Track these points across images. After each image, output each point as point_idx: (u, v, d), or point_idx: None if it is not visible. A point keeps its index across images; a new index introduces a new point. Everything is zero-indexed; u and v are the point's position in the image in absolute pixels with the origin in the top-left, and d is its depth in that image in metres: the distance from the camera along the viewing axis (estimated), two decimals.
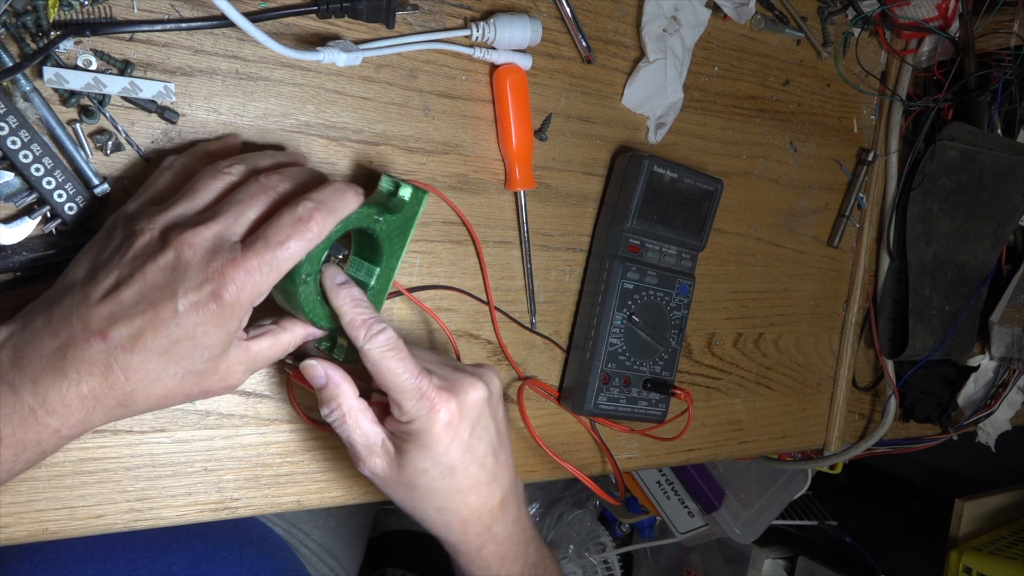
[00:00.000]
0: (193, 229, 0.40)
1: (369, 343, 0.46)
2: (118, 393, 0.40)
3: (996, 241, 0.89)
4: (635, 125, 0.68)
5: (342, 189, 0.44)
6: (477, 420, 0.49)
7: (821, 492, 1.36)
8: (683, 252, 0.68)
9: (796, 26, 0.76)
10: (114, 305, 0.40)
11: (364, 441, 0.48)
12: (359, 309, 0.46)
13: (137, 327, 0.39)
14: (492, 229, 0.62)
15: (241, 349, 0.44)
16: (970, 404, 0.95)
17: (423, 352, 0.52)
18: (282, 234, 0.41)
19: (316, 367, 0.48)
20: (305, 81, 0.53)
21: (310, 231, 0.42)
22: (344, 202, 0.44)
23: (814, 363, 0.84)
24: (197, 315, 0.40)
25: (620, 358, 0.65)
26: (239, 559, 0.73)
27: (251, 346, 0.45)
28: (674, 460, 0.76)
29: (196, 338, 0.40)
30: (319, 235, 0.42)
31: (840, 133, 0.82)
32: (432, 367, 0.49)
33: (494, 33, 0.58)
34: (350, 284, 0.47)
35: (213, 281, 0.40)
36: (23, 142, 0.45)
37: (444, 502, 0.50)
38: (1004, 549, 1.06)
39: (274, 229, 0.41)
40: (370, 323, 0.46)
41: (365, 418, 0.48)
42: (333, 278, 0.47)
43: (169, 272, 0.40)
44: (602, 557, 1.44)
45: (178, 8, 0.49)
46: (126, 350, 0.40)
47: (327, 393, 0.48)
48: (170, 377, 0.41)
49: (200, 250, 0.40)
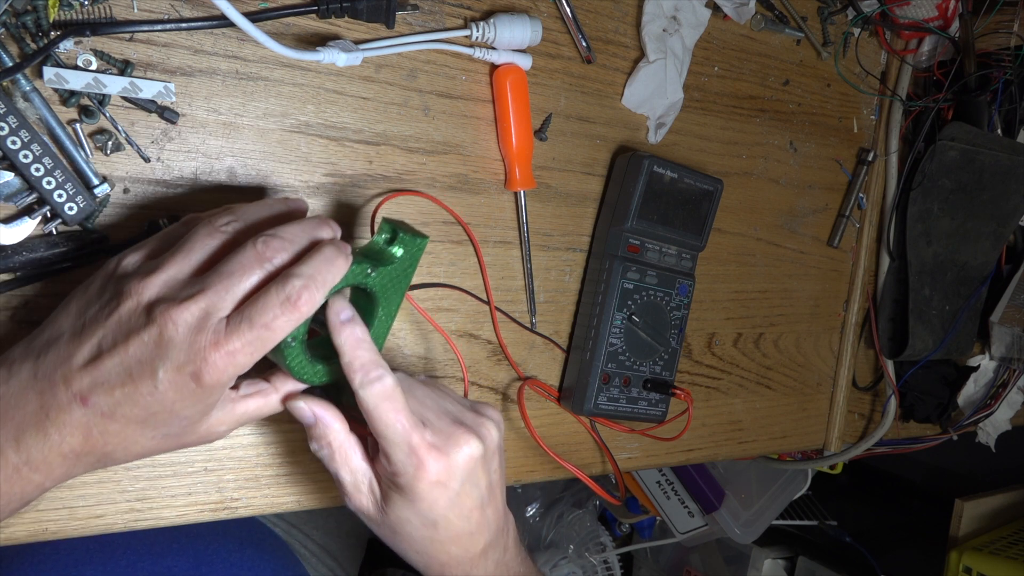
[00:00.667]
0: (179, 305, 0.39)
1: (365, 389, 0.44)
2: (98, 453, 0.41)
3: (996, 241, 0.89)
4: (635, 125, 0.68)
5: (331, 257, 0.42)
6: (467, 478, 0.47)
7: (821, 492, 1.36)
8: (683, 252, 0.68)
9: (796, 26, 0.76)
10: (96, 373, 0.39)
11: (352, 479, 0.47)
12: (360, 351, 0.44)
13: (116, 398, 0.39)
14: (492, 229, 0.62)
15: (227, 410, 0.44)
16: (970, 404, 0.95)
17: (425, 391, 0.50)
18: (268, 315, 0.40)
19: (303, 408, 0.46)
20: (305, 81, 0.53)
21: (298, 311, 0.40)
22: (334, 271, 0.42)
23: (814, 363, 0.84)
24: (176, 392, 0.39)
25: (620, 358, 0.65)
26: (239, 560, 0.73)
27: (238, 406, 0.44)
28: (674, 460, 0.76)
29: (175, 411, 0.40)
30: (308, 313, 0.41)
31: (840, 133, 0.82)
32: (429, 415, 0.48)
33: (494, 33, 0.58)
34: (354, 322, 0.45)
35: (194, 362, 0.39)
36: (23, 142, 0.45)
37: (424, 548, 0.49)
38: (1004, 549, 1.06)
39: (260, 310, 0.40)
40: (368, 368, 0.44)
41: (354, 455, 0.47)
42: (338, 313, 0.45)
43: (152, 347, 0.39)
44: (602, 557, 1.44)
45: (178, 8, 0.49)
46: (105, 417, 0.40)
47: (316, 431, 0.47)
48: (148, 440, 0.42)
49: (184, 327, 0.39)
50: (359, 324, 0.45)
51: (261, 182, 0.53)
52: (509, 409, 0.65)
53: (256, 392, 0.45)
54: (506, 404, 0.65)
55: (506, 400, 0.65)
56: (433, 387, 0.51)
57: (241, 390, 0.45)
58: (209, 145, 0.51)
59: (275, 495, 0.56)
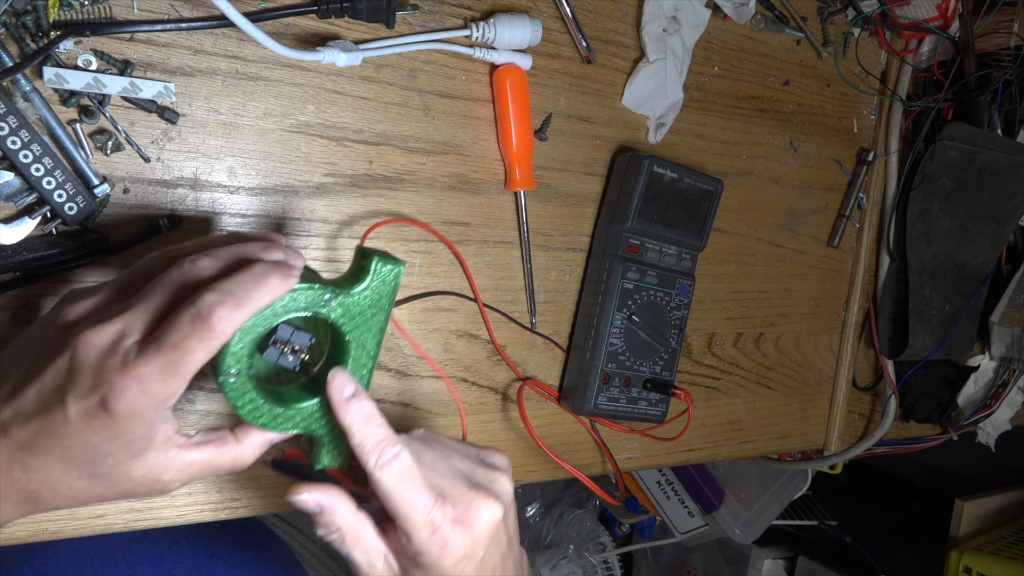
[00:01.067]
0: (93, 327, 0.36)
1: (382, 471, 0.41)
2: (22, 491, 0.38)
3: (996, 241, 0.89)
4: (635, 125, 0.68)
5: (261, 273, 0.38)
6: (490, 542, 0.45)
7: (821, 492, 1.36)
8: (683, 252, 0.68)
9: (796, 26, 0.76)
10: (16, 404, 0.37)
11: (366, 559, 0.44)
12: (370, 429, 0.41)
13: (32, 429, 0.37)
14: (492, 229, 0.62)
15: (170, 456, 0.39)
16: (970, 404, 0.95)
17: (432, 454, 0.46)
18: (177, 335, 0.36)
19: (307, 500, 0.42)
20: (305, 81, 0.53)
21: (212, 330, 0.36)
22: (263, 291, 0.38)
23: (814, 363, 0.84)
24: (87, 423, 0.36)
25: (620, 358, 0.65)
26: (239, 562, 0.73)
27: (186, 454, 0.40)
28: (674, 460, 0.76)
29: (92, 446, 0.37)
30: (224, 333, 0.36)
31: (840, 133, 0.82)
32: (444, 483, 0.44)
33: (494, 33, 0.58)
34: (360, 396, 0.42)
35: (101, 389, 0.35)
36: (23, 142, 0.45)
37: None
38: (1004, 549, 1.06)
39: (169, 329, 0.36)
40: (382, 447, 0.41)
41: (366, 534, 0.44)
42: (341, 390, 0.41)
43: (64, 374, 0.36)
44: (602, 557, 1.44)
45: (178, 8, 0.49)
46: (24, 450, 0.37)
47: (323, 519, 0.43)
48: (74, 480, 0.38)
49: (95, 351, 0.36)
50: (365, 399, 0.42)
51: (261, 182, 0.53)
52: (509, 409, 0.65)
53: (212, 441, 0.41)
54: (506, 404, 0.65)
55: (506, 400, 0.65)
56: (436, 443, 0.47)
57: (195, 437, 0.41)
58: (209, 145, 0.51)
59: (275, 495, 0.56)
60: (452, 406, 0.62)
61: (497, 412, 0.64)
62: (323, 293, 0.41)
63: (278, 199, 0.54)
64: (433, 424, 0.61)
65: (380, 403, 0.59)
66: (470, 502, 0.44)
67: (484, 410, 0.64)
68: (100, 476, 0.38)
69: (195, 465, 0.40)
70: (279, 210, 0.54)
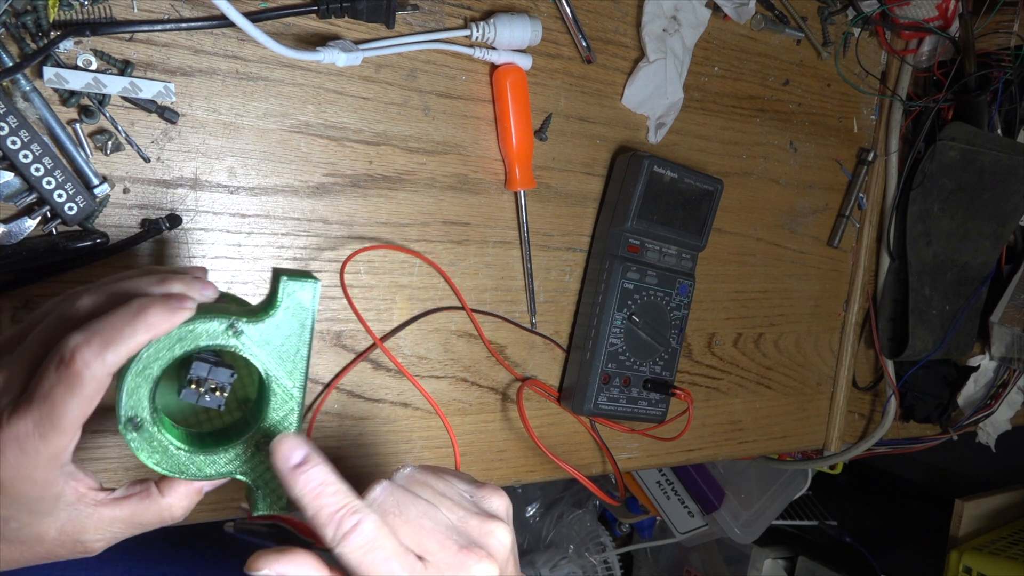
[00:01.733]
0: None
1: (342, 546, 0.35)
2: None
3: (996, 241, 0.89)
4: (635, 125, 0.68)
5: (137, 309, 0.34)
6: None
7: (821, 492, 1.36)
8: (683, 252, 0.68)
9: (796, 26, 0.76)
10: None
11: None
12: (323, 500, 0.35)
13: None
14: (492, 229, 0.62)
15: (82, 515, 0.36)
16: (970, 404, 0.95)
17: (418, 508, 0.39)
18: (44, 386, 0.33)
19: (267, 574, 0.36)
20: (305, 81, 0.53)
21: (77, 376, 0.32)
22: (137, 325, 0.34)
23: (814, 363, 0.84)
24: None
25: (620, 358, 0.65)
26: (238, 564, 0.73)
27: (102, 513, 0.37)
28: (674, 460, 0.76)
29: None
30: (94, 378, 0.33)
31: (840, 133, 0.82)
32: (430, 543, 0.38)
33: (494, 33, 0.58)
34: (311, 463, 0.36)
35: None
36: (23, 142, 0.45)
37: None
38: (1004, 549, 1.06)
39: (37, 381, 0.33)
40: (340, 518, 0.35)
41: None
42: (287, 458, 0.36)
43: None
44: (602, 557, 1.44)
45: (178, 8, 0.49)
46: None
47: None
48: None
49: None
50: (317, 464, 0.36)
51: (261, 182, 0.53)
52: (509, 409, 0.65)
53: (133, 495, 0.38)
54: (506, 404, 0.65)
55: (506, 400, 0.65)
56: (424, 487, 0.41)
57: (116, 492, 0.38)
58: (209, 145, 0.51)
59: None
60: (453, 406, 0.62)
61: (497, 412, 0.64)
62: (224, 324, 0.37)
63: (278, 199, 0.54)
64: (433, 424, 0.61)
65: (380, 403, 0.59)
66: (459, 566, 0.38)
67: (484, 410, 0.64)
68: (10, 540, 0.36)
69: (116, 523, 0.37)
70: (279, 210, 0.54)
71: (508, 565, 0.41)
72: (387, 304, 0.58)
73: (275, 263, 0.54)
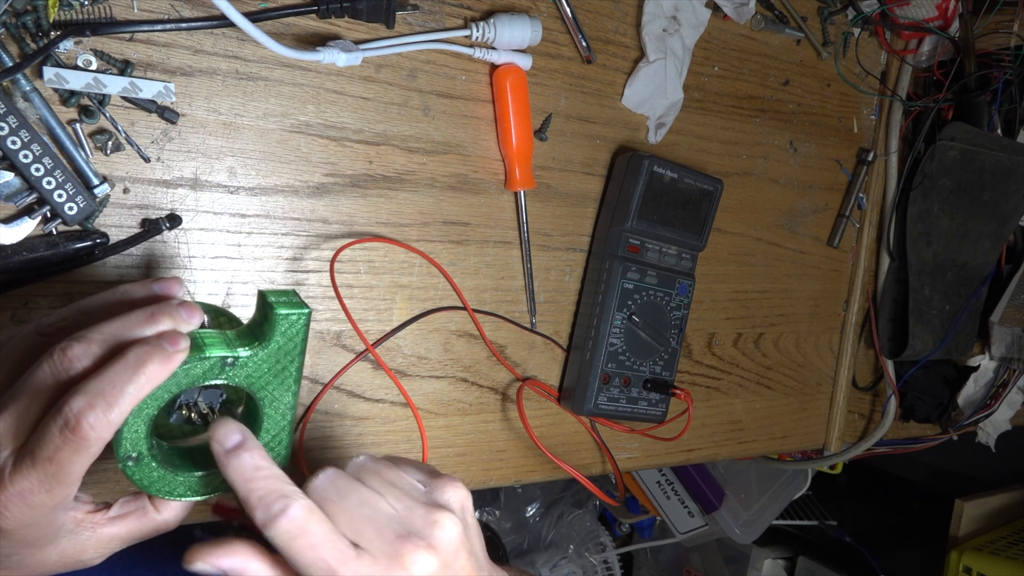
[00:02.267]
0: None
1: (269, 529, 0.35)
2: None
3: (996, 241, 0.89)
4: (635, 125, 0.68)
5: (136, 363, 0.35)
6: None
7: (821, 492, 1.36)
8: (683, 252, 0.68)
9: (796, 26, 0.76)
10: None
11: None
12: (254, 484, 0.36)
13: None
14: (492, 229, 0.62)
15: (82, 538, 0.38)
16: (970, 404, 0.95)
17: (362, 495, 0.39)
18: (49, 448, 0.33)
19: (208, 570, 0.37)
20: (305, 81, 0.53)
21: (84, 439, 0.33)
22: (139, 381, 0.35)
23: (814, 363, 0.84)
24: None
25: (620, 358, 0.65)
26: None
27: (101, 532, 0.38)
28: (674, 460, 0.76)
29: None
30: (100, 439, 0.34)
31: (840, 133, 0.82)
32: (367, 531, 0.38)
33: (494, 33, 0.58)
34: (243, 448, 0.37)
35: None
36: (23, 142, 0.45)
37: None
38: (1004, 549, 1.06)
39: (41, 442, 0.34)
40: (268, 501, 0.36)
41: None
42: (222, 442, 0.37)
43: None
44: (602, 557, 1.44)
45: (178, 8, 0.49)
46: None
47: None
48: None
49: None
50: (249, 449, 0.37)
51: (261, 182, 0.53)
52: (509, 409, 0.65)
53: (130, 513, 0.40)
54: (506, 404, 0.65)
55: (506, 400, 0.65)
56: (373, 477, 0.40)
57: (112, 510, 0.39)
58: (209, 145, 0.51)
59: None
60: (453, 406, 0.62)
61: (497, 412, 0.64)
62: (220, 361, 0.38)
63: (278, 199, 0.54)
64: (432, 424, 0.61)
65: (379, 403, 0.59)
66: (394, 556, 0.37)
67: (484, 410, 0.64)
68: (11, 567, 0.37)
69: (115, 540, 0.39)
70: (279, 210, 0.54)
71: (457, 557, 0.39)
72: (387, 304, 0.58)
73: (275, 263, 0.54)
